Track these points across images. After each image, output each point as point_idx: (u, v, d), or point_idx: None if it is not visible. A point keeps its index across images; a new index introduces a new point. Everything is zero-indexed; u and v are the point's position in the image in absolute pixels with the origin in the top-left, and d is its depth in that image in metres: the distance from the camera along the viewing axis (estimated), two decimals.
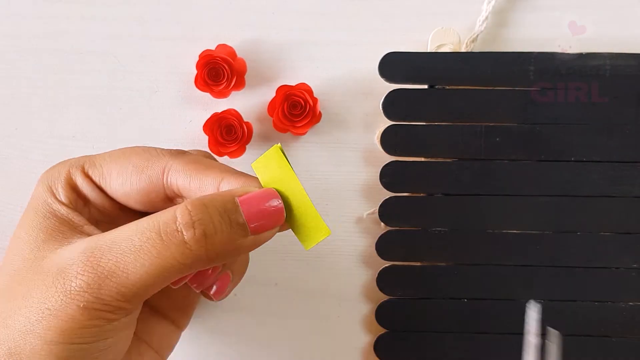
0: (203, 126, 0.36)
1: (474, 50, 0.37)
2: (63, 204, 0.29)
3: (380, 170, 0.36)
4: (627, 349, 0.36)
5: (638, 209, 0.36)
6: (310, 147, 0.38)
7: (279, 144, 0.29)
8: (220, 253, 0.27)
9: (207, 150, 0.36)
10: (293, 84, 0.37)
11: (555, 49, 0.37)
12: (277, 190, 0.28)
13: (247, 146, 0.37)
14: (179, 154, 0.30)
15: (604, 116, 0.36)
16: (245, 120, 0.37)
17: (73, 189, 0.30)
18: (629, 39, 0.38)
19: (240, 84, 0.37)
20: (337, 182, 0.38)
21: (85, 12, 0.38)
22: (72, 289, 0.25)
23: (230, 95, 0.38)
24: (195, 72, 0.36)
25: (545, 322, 0.36)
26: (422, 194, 0.37)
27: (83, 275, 0.26)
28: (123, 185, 0.30)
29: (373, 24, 0.38)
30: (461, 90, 0.37)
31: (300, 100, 0.36)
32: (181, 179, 0.29)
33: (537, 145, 0.36)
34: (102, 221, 0.30)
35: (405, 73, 0.36)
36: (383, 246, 0.36)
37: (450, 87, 0.37)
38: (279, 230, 0.29)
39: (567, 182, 0.36)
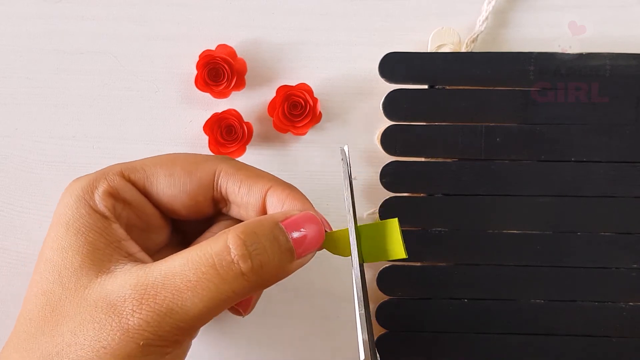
0: (203, 126, 0.36)
1: (474, 50, 0.37)
2: (100, 213, 0.28)
3: (380, 170, 0.36)
4: (627, 349, 0.36)
5: (638, 209, 0.36)
6: (310, 147, 0.38)
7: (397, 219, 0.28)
8: (272, 279, 0.27)
9: (208, 150, 0.37)
10: (293, 84, 0.37)
11: (555, 49, 0.37)
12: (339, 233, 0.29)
13: (247, 146, 0.37)
14: (227, 158, 0.30)
15: (604, 116, 0.36)
16: (245, 120, 0.37)
17: (111, 194, 0.28)
18: (629, 39, 0.38)
19: (240, 84, 0.37)
20: (338, 182, 0.38)
21: (85, 12, 0.38)
22: (130, 327, 0.25)
23: (230, 95, 0.38)
24: (195, 72, 0.36)
25: (546, 322, 0.36)
26: (422, 194, 0.37)
27: (140, 312, 0.25)
28: (171, 187, 0.29)
29: (373, 24, 0.38)
30: (461, 90, 0.37)
31: (300, 100, 0.36)
32: (231, 182, 0.29)
33: (537, 145, 0.36)
34: (137, 226, 0.30)
35: (405, 73, 0.36)
36: None
37: (450, 87, 0.37)
38: (317, 250, 0.29)
39: (567, 182, 0.36)
